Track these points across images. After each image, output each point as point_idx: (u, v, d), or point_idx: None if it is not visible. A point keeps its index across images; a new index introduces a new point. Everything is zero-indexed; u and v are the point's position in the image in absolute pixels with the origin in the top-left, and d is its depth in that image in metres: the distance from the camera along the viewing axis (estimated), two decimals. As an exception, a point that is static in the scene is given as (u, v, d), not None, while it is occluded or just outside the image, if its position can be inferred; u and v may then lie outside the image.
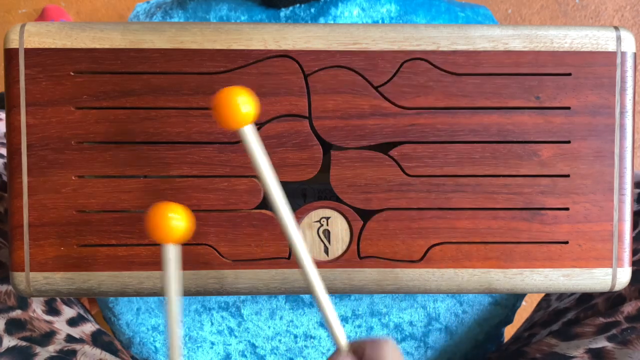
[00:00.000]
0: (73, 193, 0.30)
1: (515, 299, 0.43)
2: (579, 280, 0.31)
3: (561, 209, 0.30)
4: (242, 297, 0.42)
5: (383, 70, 0.30)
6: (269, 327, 0.42)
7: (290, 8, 0.43)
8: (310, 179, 0.30)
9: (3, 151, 0.41)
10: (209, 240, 0.30)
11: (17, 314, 0.32)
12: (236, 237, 0.30)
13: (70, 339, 0.33)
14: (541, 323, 0.40)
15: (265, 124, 0.30)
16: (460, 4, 0.45)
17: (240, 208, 0.30)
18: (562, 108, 0.30)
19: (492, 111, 0.30)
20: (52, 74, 0.29)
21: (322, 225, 0.31)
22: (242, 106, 0.24)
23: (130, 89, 0.29)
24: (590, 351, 0.32)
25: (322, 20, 0.42)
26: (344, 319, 0.42)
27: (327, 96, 0.30)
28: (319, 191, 0.34)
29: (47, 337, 0.32)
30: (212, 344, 0.42)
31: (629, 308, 0.33)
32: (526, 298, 0.73)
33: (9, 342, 0.30)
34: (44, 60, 0.29)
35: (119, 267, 0.30)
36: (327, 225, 0.31)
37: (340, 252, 0.31)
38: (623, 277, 0.31)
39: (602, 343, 0.32)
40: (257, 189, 0.30)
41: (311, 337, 0.42)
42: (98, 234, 0.30)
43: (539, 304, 0.45)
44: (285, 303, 0.42)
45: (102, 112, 0.29)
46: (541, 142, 0.30)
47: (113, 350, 0.36)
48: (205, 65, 0.29)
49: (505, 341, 0.45)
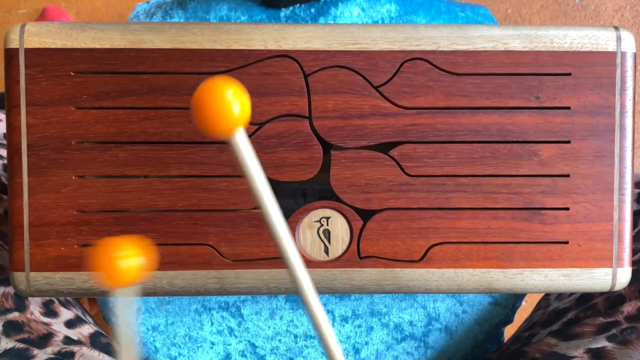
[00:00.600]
0: (73, 193, 0.30)
1: (515, 298, 0.43)
2: (579, 280, 0.31)
3: (561, 209, 0.30)
4: (242, 297, 0.42)
5: (383, 70, 0.30)
6: (269, 327, 0.42)
7: (290, 8, 0.43)
8: (310, 179, 0.30)
9: (1, 152, 0.41)
10: (209, 240, 0.30)
11: (14, 316, 0.32)
12: (236, 237, 0.30)
13: (68, 340, 0.33)
14: (541, 323, 0.40)
15: (265, 124, 0.30)
16: (460, 4, 0.45)
17: (240, 208, 0.30)
18: (562, 108, 0.30)
19: (492, 111, 0.30)
20: (52, 74, 0.29)
21: (322, 225, 0.31)
22: (232, 107, 0.18)
23: (130, 89, 0.29)
24: (590, 351, 0.32)
25: (322, 20, 0.42)
26: (344, 319, 0.42)
27: (327, 96, 0.30)
28: (319, 191, 0.34)
29: (44, 339, 0.32)
30: (212, 344, 0.42)
31: (628, 308, 0.33)
32: (526, 298, 0.73)
33: (7, 344, 0.30)
34: (44, 60, 0.29)
35: (119, 267, 0.30)
36: (327, 225, 0.31)
37: (340, 252, 0.31)
38: (623, 277, 0.31)
39: (602, 343, 0.32)
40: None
41: (311, 337, 0.42)
42: (98, 234, 0.30)
43: (538, 303, 0.45)
44: (285, 303, 0.42)
45: (102, 112, 0.29)
46: (541, 142, 0.30)
47: (111, 352, 0.36)
48: (205, 65, 0.29)
49: (505, 341, 0.45)
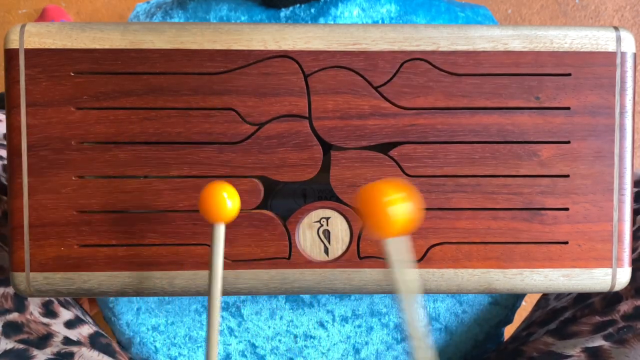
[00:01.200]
0: (73, 193, 0.30)
1: (515, 298, 0.43)
2: (578, 280, 0.31)
3: (561, 209, 0.30)
4: (242, 297, 0.42)
5: (383, 71, 0.30)
6: (269, 327, 0.42)
7: (290, 8, 0.43)
8: (310, 179, 0.30)
9: (1, 153, 0.41)
10: (209, 241, 0.30)
11: (14, 316, 0.32)
12: (236, 237, 0.30)
13: (68, 341, 0.33)
14: (539, 322, 0.40)
15: (265, 124, 0.30)
16: (460, 4, 0.45)
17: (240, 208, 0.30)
18: (562, 108, 0.30)
19: (492, 111, 0.30)
20: (52, 74, 0.29)
21: (322, 225, 0.31)
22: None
23: (130, 89, 0.29)
24: (586, 350, 0.32)
25: (322, 20, 0.42)
26: (344, 319, 0.42)
27: (327, 96, 0.30)
28: (319, 191, 0.34)
29: (44, 340, 0.32)
30: (212, 344, 0.42)
31: (625, 307, 0.33)
32: (526, 298, 0.73)
33: (6, 344, 0.30)
34: (44, 60, 0.29)
35: (119, 267, 0.30)
36: (327, 225, 0.31)
37: (340, 252, 0.31)
38: (623, 277, 0.31)
39: (599, 342, 0.32)
40: (257, 189, 0.30)
41: (311, 337, 0.42)
42: (98, 234, 0.30)
43: (537, 303, 0.45)
44: (285, 303, 0.42)
45: (102, 113, 0.29)
46: (541, 143, 0.30)
47: (111, 352, 0.36)
48: (205, 65, 0.29)
49: (504, 340, 0.45)
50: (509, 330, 0.45)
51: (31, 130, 0.29)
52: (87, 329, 0.36)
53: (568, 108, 0.30)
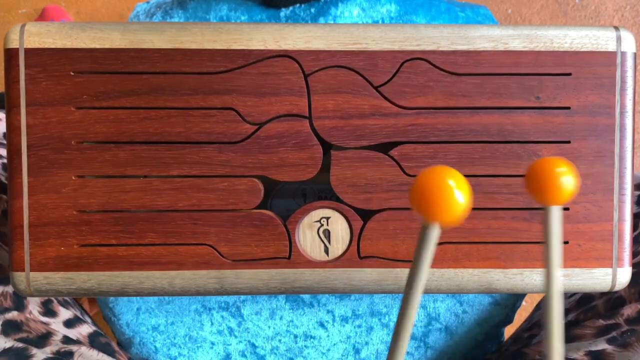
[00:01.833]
0: (73, 193, 0.30)
1: (515, 299, 0.43)
2: (579, 280, 0.31)
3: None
4: (242, 297, 0.42)
5: (383, 70, 0.30)
6: (269, 327, 0.42)
7: (290, 8, 0.43)
8: (310, 179, 0.30)
9: (1, 152, 0.41)
10: (209, 240, 0.30)
11: (13, 315, 0.32)
12: (236, 237, 0.30)
13: (67, 340, 0.33)
14: (541, 324, 0.40)
15: (265, 124, 0.30)
16: (460, 4, 0.45)
17: (240, 208, 0.30)
18: (562, 108, 0.30)
19: (492, 111, 0.30)
20: (52, 74, 0.29)
21: (322, 225, 0.31)
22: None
23: (130, 89, 0.29)
24: (590, 353, 0.32)
25: (322, 20, 0.42)
26: (344, 319, 0.42)
27: (327, 96, 0.30)
28: (319, 191, 0.34)
29: (43, 339, 0.32)
30: (212, 344, 0.42)
31: (628, 310, 0.33)
32: (526, 298, 0.73)
33: (5, 343, 0.30)
34: (44, 60, 0.29)
35: (119, 267, 0.30)
36: (327, 225, 0.31)
37: (340, 252, 0.31)
38: (623, 277, 0.31)
39: (602, 345, 0.32)
40: (257, 189, 0.30)
41: (311, 337, 0.42)
42: (98, 234, 0.30)
43: (538, 303, 0.45)
44: (285, 303, 0.42)
45: (102, 112, 0.29)
46: (541, 142, 0.30)
47: (110, 352, 0.36)
48: (205, 65, 0.29)
49: (505, 340, 0.45)
50: (509, 330, 0.45)
51: (31, 130, 0.29)
52: (86, 329, 0.36)
53: (568, 108, 0.30)
